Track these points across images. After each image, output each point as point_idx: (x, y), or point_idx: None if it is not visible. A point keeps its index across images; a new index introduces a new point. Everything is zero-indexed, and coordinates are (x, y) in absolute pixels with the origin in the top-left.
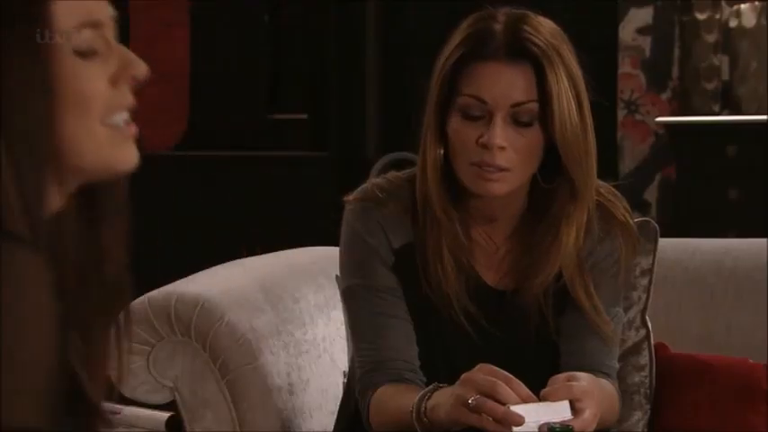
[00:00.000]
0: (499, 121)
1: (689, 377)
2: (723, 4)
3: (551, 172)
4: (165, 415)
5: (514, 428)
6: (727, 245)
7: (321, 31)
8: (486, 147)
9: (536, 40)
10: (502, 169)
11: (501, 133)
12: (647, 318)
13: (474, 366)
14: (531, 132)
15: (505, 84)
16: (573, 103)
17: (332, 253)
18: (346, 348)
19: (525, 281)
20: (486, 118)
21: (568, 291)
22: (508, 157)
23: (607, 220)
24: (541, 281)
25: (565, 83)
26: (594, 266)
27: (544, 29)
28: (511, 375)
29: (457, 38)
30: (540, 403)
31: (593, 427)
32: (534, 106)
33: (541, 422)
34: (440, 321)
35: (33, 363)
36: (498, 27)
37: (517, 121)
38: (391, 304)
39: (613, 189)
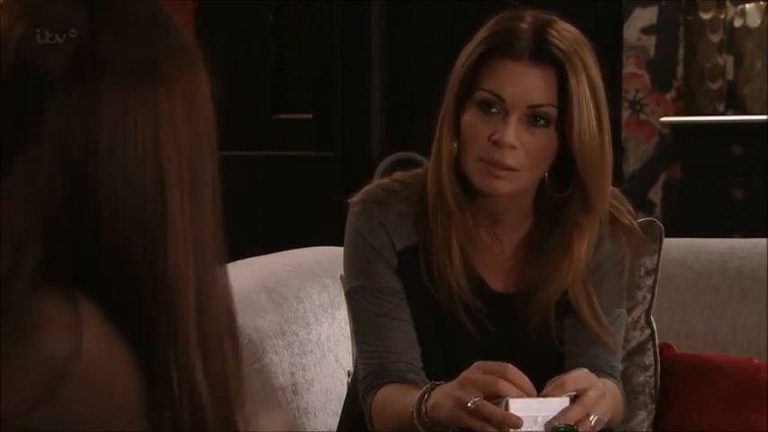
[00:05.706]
0: (514, 120)
1: (693, 377)
2: (728, 3)
3: (564, 181)
4: None
5: (513, 430)
6: (732, 244)
7: (325, 30)
8: (497, 144)
9: (561, 45)
10: (510, 168)
11: (514, 133)
12: (651, 318)
13: None
14: (545, 134)
15: (526, 84)
16: (592, 111)
17: (336, 253)
18: (350, 348)
19: (531, 289)
20: (502, 115)
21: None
22: (518, 157)
23: (613, 224)
24: (551, 294)
25: (586, 90)
26: (598, 268)
27: (570, 34)
28: (508, 365)
29: (482, 34)
30: (541, 399)
31: (600, 410)
32: (551, 110)
33: (540, 418)
34: (442, 323)
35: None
36: (524, 27)
37: (532, 121)
38: (394, 306)
39: (618, 193)
